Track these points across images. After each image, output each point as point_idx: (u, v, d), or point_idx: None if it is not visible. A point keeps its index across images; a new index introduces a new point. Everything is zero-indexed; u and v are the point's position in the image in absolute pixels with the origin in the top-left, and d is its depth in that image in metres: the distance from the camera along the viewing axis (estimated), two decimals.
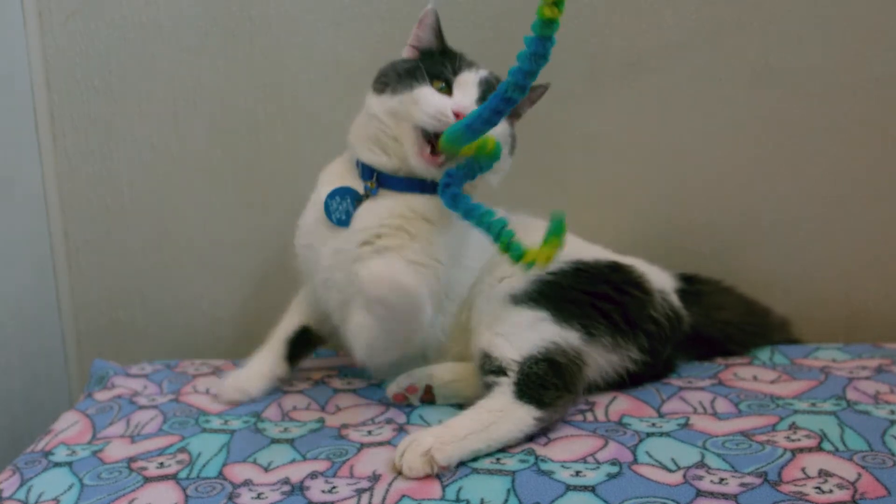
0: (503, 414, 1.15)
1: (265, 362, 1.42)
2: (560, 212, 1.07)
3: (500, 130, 1.29)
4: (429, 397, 1.31)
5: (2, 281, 1.57)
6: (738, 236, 1.66)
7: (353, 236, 1.30)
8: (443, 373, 1.32)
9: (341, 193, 1.33)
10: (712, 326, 1.48)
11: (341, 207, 1.33)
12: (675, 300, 1.41)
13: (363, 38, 1.64)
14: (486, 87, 1.31)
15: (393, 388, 1.31)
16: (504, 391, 1.18)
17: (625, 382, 1.32)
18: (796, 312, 1.60)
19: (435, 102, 1.26)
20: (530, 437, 1.16)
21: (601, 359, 1.29)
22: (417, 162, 1.29)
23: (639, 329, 1.32)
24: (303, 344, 1.46)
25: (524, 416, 1.15)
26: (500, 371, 1.20)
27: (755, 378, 1.35)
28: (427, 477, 1.05)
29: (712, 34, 1.59)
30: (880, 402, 1.21)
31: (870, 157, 1.60)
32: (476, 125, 1.15)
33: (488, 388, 1.20)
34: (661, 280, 1.42)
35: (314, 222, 1.36)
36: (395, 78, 1.32)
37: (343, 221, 1.32)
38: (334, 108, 1.66)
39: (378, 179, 1.34)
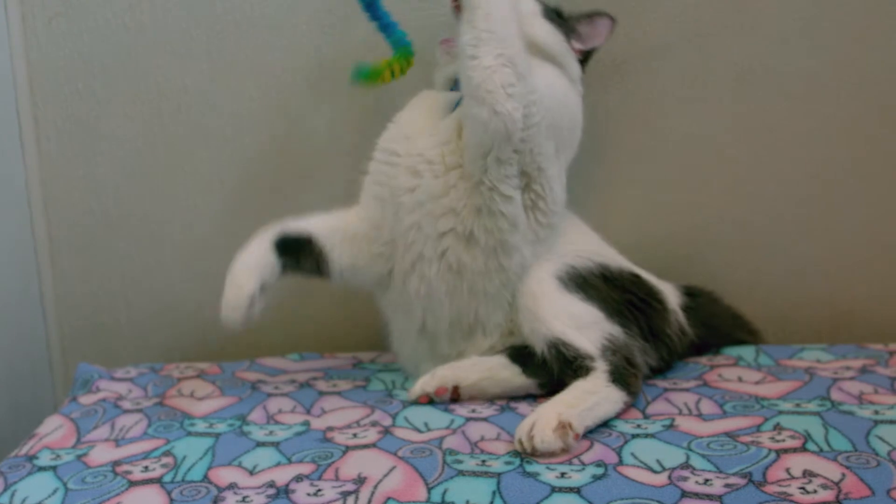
0: (603, 395, 1.21)
1: (251, 256, 1.38)
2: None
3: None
4: (455, 397, 1.30)
5: None
6: (723, 238, 1.66)
7: None
8: (469, 371, 1.31)
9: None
10: (702, 333, 1.49)
11: None
12: (682, 318, 1.45)
13: (348, 40, 1.64)
14: None
15: (417, 391, 1.30)
16: (599, 375, 1.24)
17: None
18: (780, 314, 1.61)
19: None
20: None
21: (638, 358, 1.32)
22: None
23: (659, 340, 1.37)
24: (299, 250, 1.40)
25: (618, 399, 1.22)
26: (584, 358, 1.25)
27: (740, 379, 1.35)
28: (561, 451, 1.09)
29: (696, 36, 1.60)
30: (864, 403, 1.21)
31: (854, 160, 1.61)
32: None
33: (575, 372, 1.25)
34: (671, 297, 1.46)
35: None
36: None
37: None
38: (319, 111, 1.66)
39: None
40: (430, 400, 1.30)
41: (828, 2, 1.56)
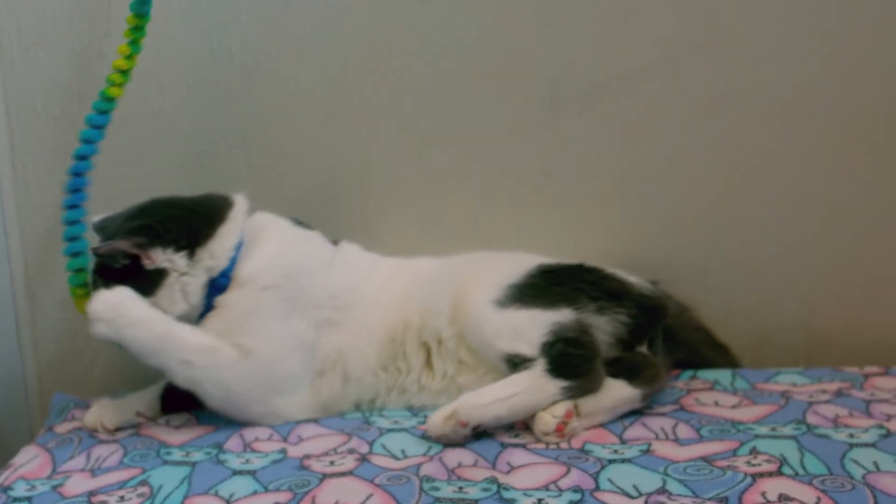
0: (531, 387, 1.26)
1: (136, 399, 1.46)
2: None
3: None
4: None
5: None
6: (700, 262, 1.67)
7: None
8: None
9: None
10: (685, 328, 1.53)
11: None
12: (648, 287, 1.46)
13: (326, 67, 1.64)
14: None
15: (550, 422, 1.24)
16: (536, 369, 1.27)
17: (629, 341, 1.37)
18: (757, 337, 1.62)
19: None
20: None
21: (594, 321, 1.34)
22: None
23: (624, 297, 1.38)
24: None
25: (551, 389, 1.25)
26: (527, 360, 1.29)
27: (716, 403, 1.36)
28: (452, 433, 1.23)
29: (671, 60, 1.61)
30: (839, 426, 1.22)
31: (830, 183, 1.62)
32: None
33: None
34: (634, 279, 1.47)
35: None
36: None
37: None
38: (297, 139, 1.66)
39: None
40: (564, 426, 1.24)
41: (801, 26, 1.58)
